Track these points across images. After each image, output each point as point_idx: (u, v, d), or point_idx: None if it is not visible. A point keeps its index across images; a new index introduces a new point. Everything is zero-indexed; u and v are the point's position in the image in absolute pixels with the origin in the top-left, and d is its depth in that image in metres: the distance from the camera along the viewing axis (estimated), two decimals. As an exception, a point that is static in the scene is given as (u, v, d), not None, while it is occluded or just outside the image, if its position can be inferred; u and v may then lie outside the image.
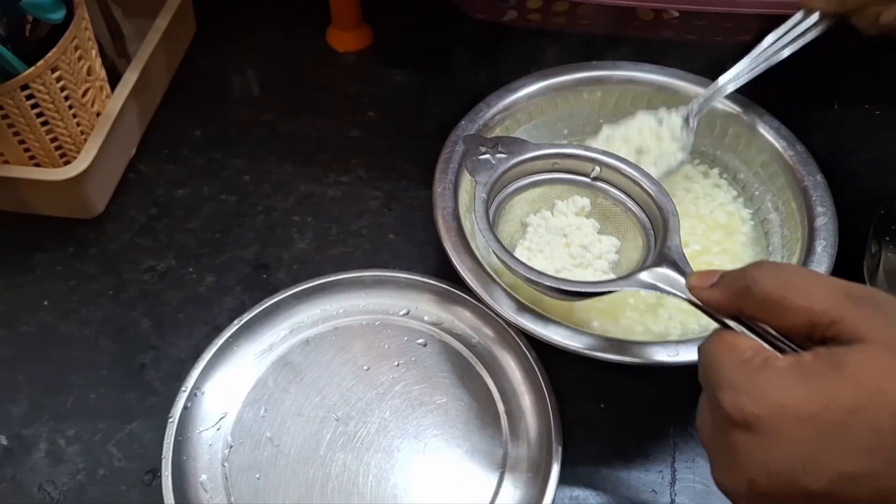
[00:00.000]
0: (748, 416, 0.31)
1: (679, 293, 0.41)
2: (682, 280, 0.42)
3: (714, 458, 0.33)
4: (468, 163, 0.50)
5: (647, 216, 0.51)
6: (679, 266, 0.43)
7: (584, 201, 0.53)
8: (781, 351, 0.33)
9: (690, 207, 0.58)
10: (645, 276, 0.44)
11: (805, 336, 0.33)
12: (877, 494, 0.29)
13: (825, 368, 0.30)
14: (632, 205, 0.51)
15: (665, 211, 0.48)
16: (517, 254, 0.51)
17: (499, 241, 0.47)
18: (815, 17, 0.54)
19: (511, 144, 0.51)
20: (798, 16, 0.54)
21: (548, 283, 0.46)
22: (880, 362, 0.29)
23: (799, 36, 0.54)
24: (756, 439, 0.31)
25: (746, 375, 0.32)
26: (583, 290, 0.46)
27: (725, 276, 0.37)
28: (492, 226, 0.48)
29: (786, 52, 0.54)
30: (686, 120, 0.55)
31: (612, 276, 0.50)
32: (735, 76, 0.55)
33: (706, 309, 0.38)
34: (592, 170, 0.52)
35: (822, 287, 0.32)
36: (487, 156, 0.50)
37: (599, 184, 0.52)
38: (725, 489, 0.33)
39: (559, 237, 0.51)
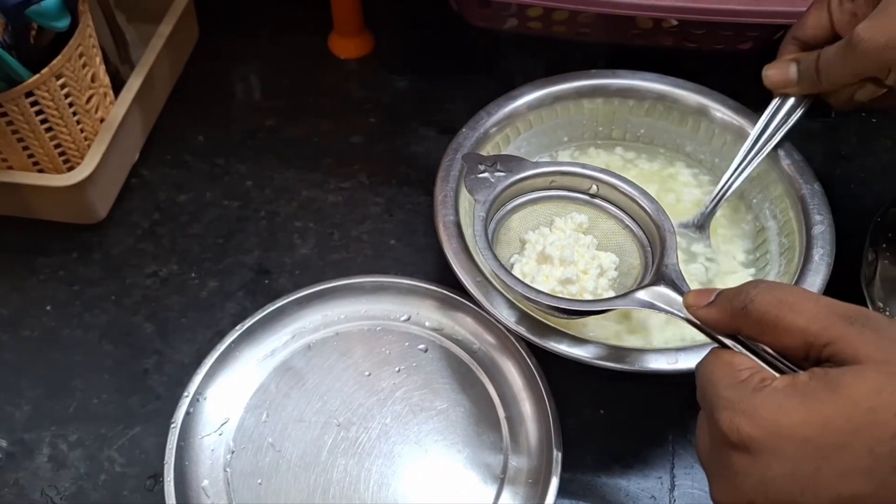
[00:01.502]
0: (745, 437, 0.31)
1: (676, 312, 0.42)
2: (679, 299, 0.42)
3: (712, 478, 0.34)
4: (467, 182, 0.51)
5: (645, 234, 0.51)
6: (676, 284, 0.44)
7: (582, 217, 0.53)
8: (779, 370, 0.34)
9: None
10: (642, 294, 0.44)
11: (801, 356, 0.33)
12: None
13: (821, 389, 0.30)
14: (630, 222, 0.52)
15: (662, 229, 0.49)
16: (515, 271, 0.51)
17: (497, 260, 0.47)
18: (791, 101, 0.55)
19: (509, 162, 0.52)
20: (775, 101, 0.55)
21: (546, 302, 0.46)
22: (874, 383, 0.30)
23: (783, 120, 0.55)
24: (754, 460, 0.31)
25: (743, 396, 0.32)
26: (580, 308, 0.47)
27: (722, 294, 0.37)
28: (490, 244, 0.49)
29: (777, 138, 0.55)
30: (697, 227, 0.56)
31: (611, 292, 0.50)
32: (732, 176, 0.55)
33: (703, 327, 0.38)
34: (590, 187, 0.52)
35: (817, 307, 0.33)
36: (486, 174, 0.51)
37: (598, 201, 0.53)
38: None
39: (558, 253, 0.51)
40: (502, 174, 0.51)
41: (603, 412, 0.53)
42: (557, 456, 0.48)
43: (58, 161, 0.59)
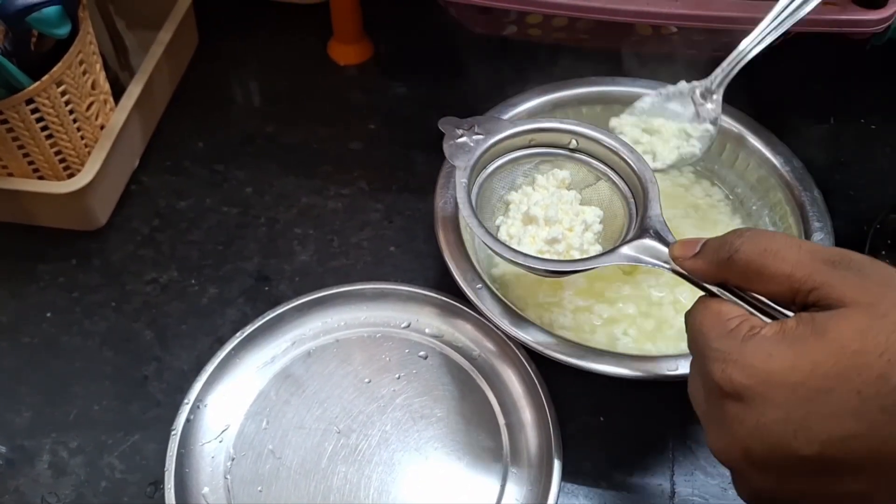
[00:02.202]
0: (738, 386, 0.32)
1: (663, 264, 0.41)
2: (665, 250, 0.41)
3: (708, 427, 0.34)
4: (445, 147, 0.50)
5: (628, 185, 0.50)
6: (661, 236, 0.43)
7: (563, 173, 0.52)
8: (769, 315, 0.34)
9: (685, 223, 0.58)
10: (627, 249, 0.43)
11: (789, 302, 0.33)
12: (865, 456, 0.30)
13: (809, 334, 0.31)
14: (612, 174, 0.51)
15: (644, 180, 0.48)
16: (501, 234, 0.50)
17: (482, 226, 0.47)
18: None
19: (487, 123, 0.51)
20: None
21: (531, 265, 0.46)
22: (859, 326, 0.30)
23: None
24: (747, 408, 0.32)
25: (733, 345, 0.33)
26: (566, 269, 0.46)
27: (708, 244, 0.37)
28: (475, 210, 0.48)
29: (809, 6, 0.51)
30: (706, 93, 0.54)
31: (597, 247, 0.50)
32: (757, 37, 0.52)
33: (691, 278, 0.38)
34: (570, 141, 0.52)
35: (801, 253, 0.33)
36: (464, 138, 0.50)
37: (578, 155, 0.52)
38: (722, 458, 0.34)
39: (542, 212, 0.50)
40: (480, 137, 0.50)
41: (603, 419, 0.53)
42: (557, 463, 0.48)
43: (58, 168, 0.59)
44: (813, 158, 0.66)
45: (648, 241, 0.43)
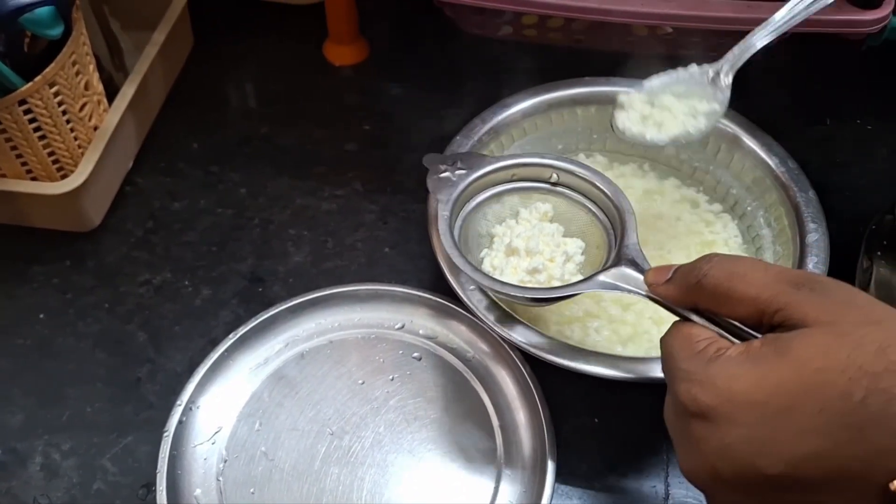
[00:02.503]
0: (702, 405, 0.32)
1: (638, 290, 0.42)
2: (640, 277, 0.43)
3: (678, 447, 0.35)
4: (429, 182, 0.51)
5: (607, 216, 0.51)
6: (637, 264, 0.44)
7: (546, 206, 0.53)
8: (740, 338, 0.35)
9: (679, 226, 0.58)
10: (605, 276, 0.44)
11: (757, 324, 0.34)
12: (831, 473, 0.30)
13: (772, 354, 0.31)
14: (592, 206, 0.52)
15: (622, 210, 0.49)
16: (485, 265, 0.52)
17: (463, 257, 0.48)
18: None
19: (469, 160, 0.53)
20: None
21: (511, 293, 0.47)
22: (821, 344, 0.31)
23: None
24: (712, 428, 0.32)
25: (699, 366, 0.33)
26: (544, 296, 0.47)
27: (679, 270, 0.38)
28: (457, 242, 0.49)
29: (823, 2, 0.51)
30: (716, 77, 0.53)
31: (578, 277, 0.51)
32: (771, 26, 0.52)
33: (665, 303, 0.39)
34: (550, 175, 0.53)
35: (767, 276, 0.34)
36: (447, 173, 0.51)
37: (559, 189, 0.53)
38: (691, 478, 0.34)
39: (524, 244, 0.51)
40: (463, 171, 0.52)
41: (597, 420, 0.53)
42: (551, 464, 0.48)
43: (51, 169, 0.59)
44: (809, 159, 0.66)
45: (625, 269, 0.44)
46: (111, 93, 0.63)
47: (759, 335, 0.34)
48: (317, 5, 0.73)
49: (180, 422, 0.51)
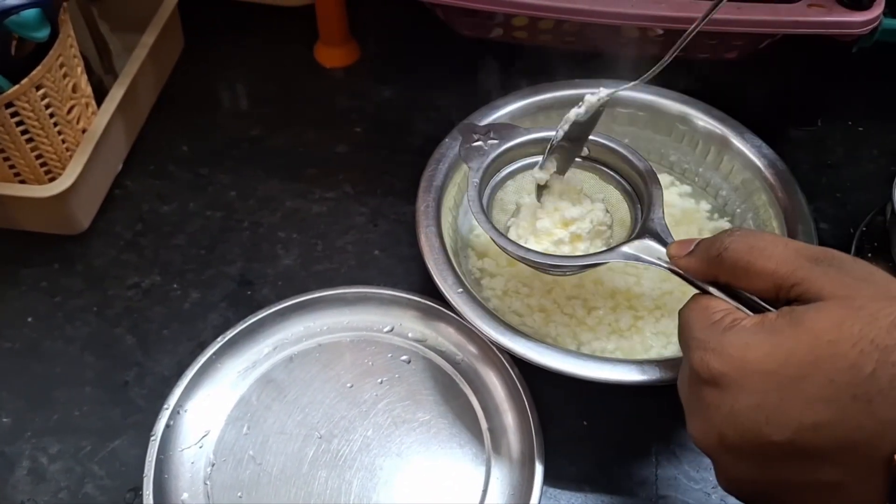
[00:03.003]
0: (714, 372, 0.33)
1: (660, 262, 0.43)
2: (662, 250, 0.43)
3: (689, 413, 0.35)
4: (461, 150, 0.52)
5: (635, 191, 0.51)
6: (661, 237, 0.44)
7: (575, 179, 0.53)
8: (757, 311, 0.35)
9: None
10: (627, 248, 0.45)
11: (773, 298, 0.35)
12: (837, 443, 0.30)
13: (786, 325, 0.32)
14: (622, 181, 0.52)
15: (651, 184, 0.49)
16: (511, 234, 0.52)
17: (489, 222, 0.48)
18: None
19: (502, 130, 0.53)
20: None
21: (535, 259, 0.47)
22: (835, 317, 0.31)
23: None
24: (722, 394, 0.33)
25: (714, 335, 0.34)
26: (567, 263, 0.48)
27: (701, 244, 0.39)
28: (485, 209, 0.49)
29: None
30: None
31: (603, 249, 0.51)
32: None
33: (685, 275, 0.40)
34: (582, 149, 0.53)
35: (786, 251, 0.34)
36: (480, 142, 0.52)
37: (590, 162, 0.53)
38: (699, 443, 0.35)
39: (548, 215, 0.52)
40: (495, 142, 0.52)
41: (586, 423, 0.53)
42: (539, 467, 0.48)
43: (39, 172, 0.59)
44: (800, 161, 0.66)
45: (649, 241, 0.45)
46: (101, 95, 0.63)
47: (776, 310, 0.34)
48: (308, 7, 0.73)
49: (168, 425, 0.50)
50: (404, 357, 0.54)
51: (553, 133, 0.51)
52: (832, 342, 0.30)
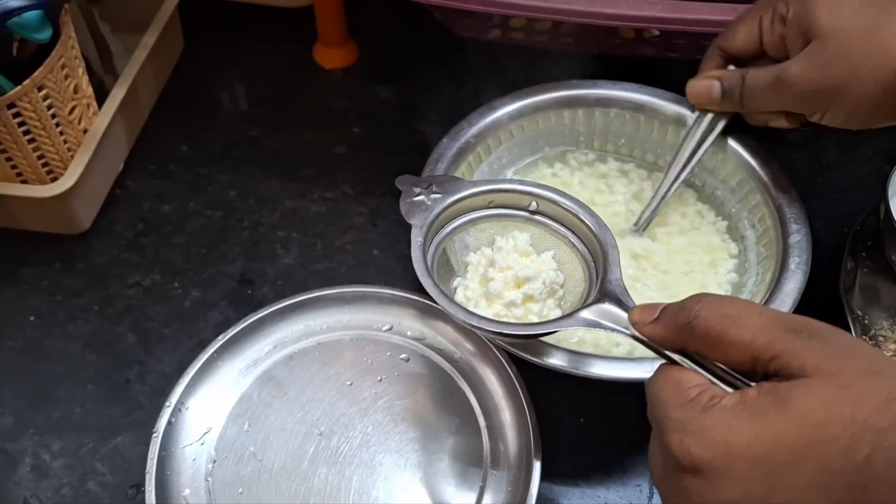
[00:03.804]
0: (696, 459, 0.31)
1: (622, 329, 0.40)
2: (624, 315, 0.41)
3: (666, 499, 0.33)
4: (402, 205, 0.49)
5: (588, 249, 0.49)
6: (621, 301, 0.42)
7: (524, 236, 0.50)
8: (730, 385, 0.33)
9: (675, 230, 0.59)
10: (586, 313, 0.43)
11: (749, 370, 0.33)
12: None
13: (770, 406, 0.30)
14: (573, 238, 0.50)
15: (605, 243, 0.47)
16: (458, 296, 0.49)
17: (437, 287, 0.46)
18: (709, 116, 0.57)
19: (445, 183, 0.50)
20: (693, 116, 0.58)
21: (489, 328, 0.44)
22: (822, 397, 0.29)
23: (706, 134, 0.57)
24: (706, 483, 0.30)
25: (692, 416, 0.31)
26: (523, 332, 0.45)
27: (667, 310, 0.36)
28: (430, 269, 0.47)
29: (701, 151, 0.57)
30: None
31: (558, 311, 0.48)
32: (665, 190, 0.57)
33: (650, 344, 0.37)
34: (530, 203, 0.50)
35: (762, 319, 0.32)
36: (422, 197, 0.49)
37: (538, 217, 0.51)
38: None
39: (501, 275, 0.48)
40: (438, 196, 0.49)
41: (583, 420, 0.53)
42: (537, 464, 0.49)
43: (41, 172, 0.59)
44: (795, 161, 0.67)
45: (608, 306, 0.42)
46: (102, 96, 0.63)
47: (751, 383, 0.32)
48: (307, 9, 0.73)
49: (169, 423, 0.51)
50: (403, 355, 0.55)
51: (497, 185, 0.51)
52: (821, 424, 0.29)
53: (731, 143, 0.58)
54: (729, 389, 0.33)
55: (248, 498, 0.49)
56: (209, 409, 0.52)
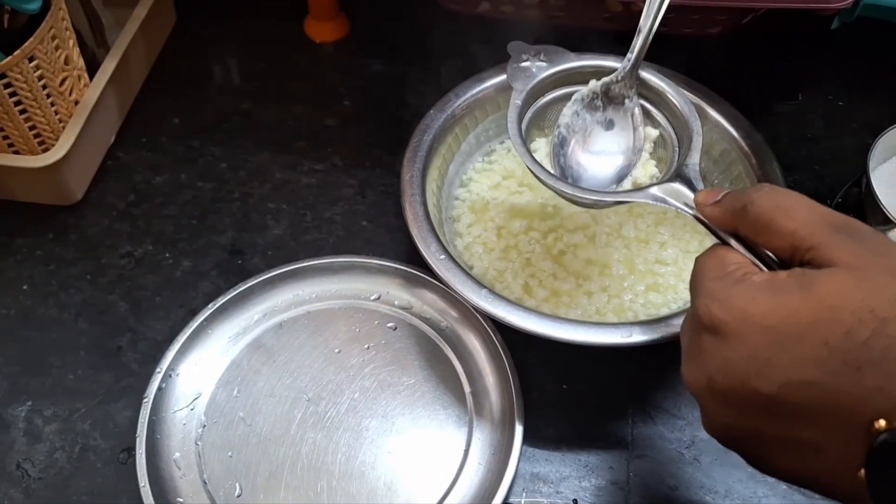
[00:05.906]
0: (715, 320, 0.34)
1: (685, 208, 0.42)
2: (691, 196, 0.43)
3: (685, 355, 0.37)
4: (508, 69, 0.51)
5: (675, 133, 0.50)
6: (692, 183, 0.44)
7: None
8: (769, 267, 0.36)
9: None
10: (657, 190, 0.44)
11: (789, 258, 0.35)
12: (821, 403, 0.31)
13: (794, 286, 0.33)
14: (663, 120, 0.51)
15: (691, 129, 0.48)
16: (540, 155, 0.50)
17: (525, 146, 0.47)
18: None
19: (553, 54, 0.52)
20: None
21: (565, 190, 0.46)
22: (842, 285, 0.32)
23: None
24: (719, 342, 0.34)
25: (723, 285, 0.35)
26: (594, 198, 0.46)
27: (728, 194, 0.39)
28: (522, 132, 0.48)
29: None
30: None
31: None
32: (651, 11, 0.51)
33: (708, 224, 0.40)
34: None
35: (810, 214, 0.35)
36: (528, 63, 0.51)
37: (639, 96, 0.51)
38: (689, 385, 0.36)
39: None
40: (543, 64, 0.51)
41: (566, 387, 0.54)
42: (520, 428, 0.50)
43: (32, 143, 0.60)
44: (780, 134, 0.67)
45: (678, 186, 0.44)
46: (93, 69, 0.64)
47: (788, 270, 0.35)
48: (297, -18, 0.74)
49: (160, 388, 0.52)
50: (390, 324, 0.56)
51: (601, 61, 0.51)
52: (833, 307, 0.31)
53: (713, 113, 0.58)
54: (766, 271, 0.35)
55: (237, 461, 0.50)
56: (199, 375, 0.53)
